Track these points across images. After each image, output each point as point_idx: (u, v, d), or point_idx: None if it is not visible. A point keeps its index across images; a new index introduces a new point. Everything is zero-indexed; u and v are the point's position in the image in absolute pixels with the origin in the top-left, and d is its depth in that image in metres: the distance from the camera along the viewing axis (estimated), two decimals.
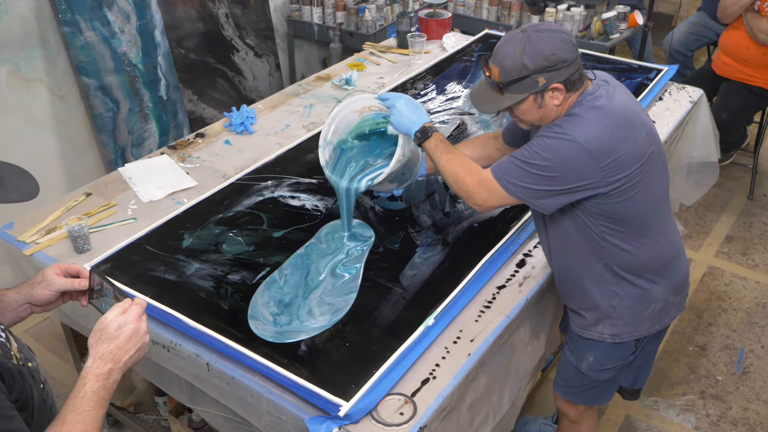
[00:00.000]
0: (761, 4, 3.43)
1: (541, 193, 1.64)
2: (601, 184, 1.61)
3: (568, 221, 1.73)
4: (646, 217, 1.72)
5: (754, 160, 3.95)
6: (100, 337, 1.25)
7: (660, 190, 1.74)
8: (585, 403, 2.05)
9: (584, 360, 1.92)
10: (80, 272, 1.43)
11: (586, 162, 1.58)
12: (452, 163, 1.77)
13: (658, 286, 1.80)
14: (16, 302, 1.39)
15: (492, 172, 1.69)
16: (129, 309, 1.29)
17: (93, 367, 1.22)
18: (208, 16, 3.77)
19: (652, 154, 1.67)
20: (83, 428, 1.15)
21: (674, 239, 1.84)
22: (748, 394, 2.73)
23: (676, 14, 5.78)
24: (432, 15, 3.42)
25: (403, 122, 1.82)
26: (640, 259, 1.75)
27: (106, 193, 2.30)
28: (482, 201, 1.72)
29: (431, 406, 1.54)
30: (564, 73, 1.61)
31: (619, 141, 1.59)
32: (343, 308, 1.79)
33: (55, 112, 3.18)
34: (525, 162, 1.63)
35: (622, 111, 1.63)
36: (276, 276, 1.91)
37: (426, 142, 1.80)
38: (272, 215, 2.15)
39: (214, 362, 1.66)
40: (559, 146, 1.59)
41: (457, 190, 1.77)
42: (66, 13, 3.04)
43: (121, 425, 2.58)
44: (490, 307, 1.82)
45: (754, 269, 3.38)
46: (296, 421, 1.54)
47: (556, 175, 1.60)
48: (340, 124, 2.03)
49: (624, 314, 1.81)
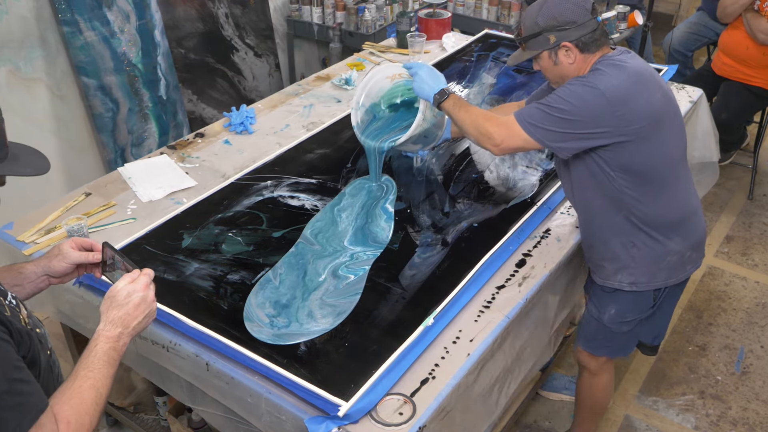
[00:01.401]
0: (761, 4, 3.43)
1: (559, 136, 1.77)
2: (615, 133, 1.75)
3: (590, 174, 1.86)
4: (660, 173, 1.85)
5: (753, 160, 3.94)
6: (110, 304, 1.34)
7: (674, 151, 1.88)
8: (606, 354, 2.16)
9: (606, 312, 2.04)
10: (93, 246, 1.51)
11: (604, 109, 1.73)
12: (471, 113, 1.91)
13: (672, 241, 1.92)
14: (35, 274, 1.48)
15: (515, 115, 1.83)
16: (137, 279, 1.37)
17: (104, 330, 1.31)
18: (207, 16, 3.77)
19: (667, 115, 1.82)
20: (93, 384, 1.23)
21: (690, 200, 1.97)
22: (748, 394, 2.73)
23: (676, 14, 5.77)
24: (432, 15, 3.42)
25: (424, 88, 1.98)
26: (654, 213, 1.88)
27: (106, 193, 2.30)
28: (500, 141, 1.83)
29: (430, 406, 1.54)
30: (573, 33, 1.79)
31: (635, 94, 1.75)
32: (347, 310, 1.79)
33: (55, 112, 3.18)
34: (547, 106, 1.78)
35: (640, 71, 1.80)
36: (270, 276, 1.91)
37: (444, 102, 1.95)
38: (272, 215, 2.15)
39: (213, 362, 1.66)
40: (581, 92, 1.75)
41: (477, 135, 1.88)
42: (66, 13, 3.04)
43: (120, 425, 2.58)
44: (489, 307, 1.82)
45: (754, 269, 3.38)
46: (295, 421, 1.54)
47: (574, 119, 1.74)
48: (372, 89, 2.26)
49: (641, 264, 1.94)
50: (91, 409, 1.22)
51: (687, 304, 3.16)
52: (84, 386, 1.22)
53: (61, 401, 1.20)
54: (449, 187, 2.30)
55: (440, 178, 2.34)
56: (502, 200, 2.23)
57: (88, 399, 1.21)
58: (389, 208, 2.16)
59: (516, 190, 2.28)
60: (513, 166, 2.40)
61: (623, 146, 1.77)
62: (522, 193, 2.26)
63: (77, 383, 1.23)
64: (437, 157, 2.46)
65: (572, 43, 1.80)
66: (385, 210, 2.16)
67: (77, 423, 1.18)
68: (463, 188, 2.29)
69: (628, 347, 2.16)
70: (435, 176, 2.35)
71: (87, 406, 1.21)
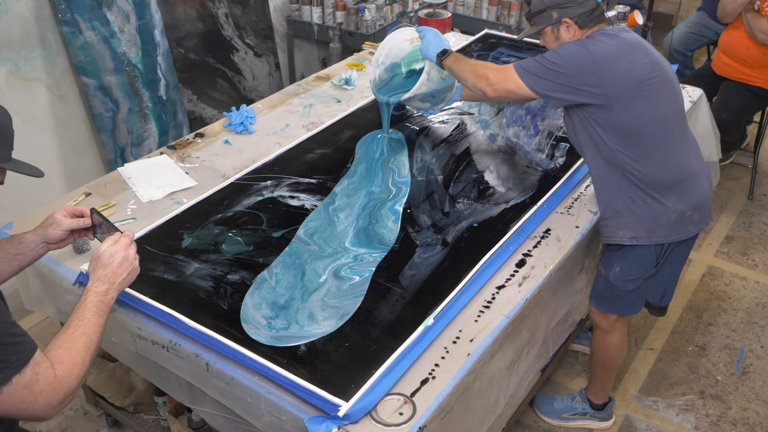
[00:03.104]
0: (761, 4, 3.42)
1: (548, 85, 1.95)
2: (599, 93, 1.92)
3: (588, 135, 2.02)
4: (651, 134, 1.98)
5: (753, 160, 3.94)
6: (96, 264, 1.51)
7: (666, 114, 2.00)
8: (615, 312, 2.27)
9: (612, 270, 2.18)
10: (83, 212, 1.71)
11: (590, 67, 1.91)
12: (470, 63, 2.12)
13: (668, 200, 2.04)
14: (34, 242, 1.66)
15: (513, 64, 2.03)
16: (118, 240, 1.55)
17: (92, 287, 1.48)
18: (207, 16, 3.77)
19: (655, 80, 1.96)
20: (84, 331, 1.39)
21: (688, 162, 2.07)
22: (748, 394, 2.73)
23: (676, 14, 5.78)
24: (432, 15, 3.42)
25: (429, 48, 2.22)
26: (648, 171, 2.00)
27: (106, 192, 2.30)
28: (495, 82, 2.02)
29: (430, 406, 1.54)
30: (573, 11, 2.00)
31: (619, 58, 1.92)
32: (350, 311, 1.78)
33: (55, 112, 3.18)
34: (542, 58, 1.97)
35: (629, 40, 1.97)
36: (266, 275, 1.90)
37: (445, 60, 2.18)
38: (272, 215, 2.15)
39: (213, 362, 1.66)
40: (572, 49, 1.94)
41: (474, 78, 2.07)
42: (65, 13, 3.04)
43: (120, 425, 2.58)
44: (489, 307, 1.82)
45: (754, 269, 3.38)
46: (295, 421, 1.54)
47: (562, 72, 1.93)
48: (392, 49, 2.51)
49: (640, 219, 2.06)
50: (83, 351, 1.36)
51: (687, 304, 3.16)
52: (76, 333, 1.38)
53: (54, 347, 1.35)
54: (449, 187, 2.30)
55: (440, 178, 2.34)
56: (502, 200, 2.23)
57: (79, 342, 1.37)
58: (399, 209, 2.16)
59: (516, 190, 2.28)
60: (513, 166, 2.40)
61: (611, 107, 1.93)
62: (522, 193, 2.26)
63: (69, 331, 1.38)
64: (437, 157, 2.46)
65: (572, 20, 2.00)
66: (394, 211, 2.16)
67: (70, 363, 1.33)
68: (463, 188, 2.29)
69: (635, 305, 2.28)
70: (435, 176, 2.35)
71: (79, 348, 1.36)
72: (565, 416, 2.57)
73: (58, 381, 1.30)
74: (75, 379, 1.33)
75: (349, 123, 2.68)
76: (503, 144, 2.54)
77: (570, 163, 2.41)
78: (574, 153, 2.45)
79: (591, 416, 2.55)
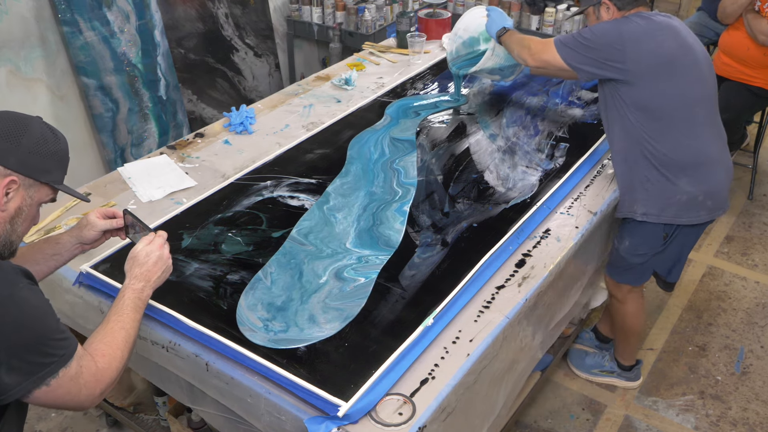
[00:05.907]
0: (761, 5, 3.42)
1: (578, 57, 2.16)
2: (624, 67, 2.08)
3: (615, 110, 2.18)
4: (671, 113, 2.12)
5: (753, 160, 3.94)
6: (133, 263, 1.59)
7: (689, 95, 2.13)
8: (625, 282, 2.43)
9: (622, 243, 2.33)
10: (116, 214, 1.77)
11: (616, 44, 2.09)
12: (521, 36, 2.39)
13: (681, 181, 2.15)
14: (71, 243, 1.73)
15: (554, 38, 2.25)
16: (153, 240, 1.63)
17: (130, 284, 1.56)
18: (207, 16, 3.78)
19: (681, 62, 2.10)
20: (122, 326, 1.48)
21: (705, 148, 2.18)
22: (748, 394, 2.73)
23: (676, 14, 5.78)
24: (432, 15, 3.42)
25: (492, 25, 2.51)
26: (664, 150, 2.13)
27: (106, 193, 2.30)
28: (535, 51, 2.28)
29: (430, 406, 1.54)
30: None
31: (647, 37, 2.08)
32: (354, 313, 1.77)
33: (55, 112, 3.18)
34: (579, 34, 2.18)
35: (660, 23, 2.13)
36: (261, 275, 1.89)
37: (503, 36, 2.46)
38: (271, 215, 2.15)
39: (213, 362, 1.66)
40: (605, 26, 2.14)
41: (519, 49, 2.35)
42: (66, 13, 3.04)
43: (120, 425, 2.58)
44: (489, 307, 1.82)
45: (754, 269, 3.38)
46: (295, 421, 1.54)
47: (592, 47, 2.13)
48: (470, 24, 2.77)
49: (653, 196, 2.19)
50: (122, 345, 1.45)
51: (687, 304, 3.16)
52: (115, 328, 1.46)
53: (95, 341, 1.43)
54: (449, 187, 2.30)
55: (440, 178, 2.34)
56: (502, 200, 2.23)
57: (119, 337, 1.45)
58: (407, 210, 2.16)
59: (516, 190, 2.28)
60: (513, 166, 2.40)
61: (634, 83, 2.09)
62: (522, 193, 2.26)
63: (109, 326, 1.46)
64: (437, 157, 2.46)
65: (611, 2, 2.19)
66: (402, 212, 2.15)
67: (110, 356, 1.41)
68: (463, 188, 2.29)
69: (643, 277, 2.43)
70: (435, 176, 2.35)
71: (118, 341, 1.44)
72: (594, 371, 2.77)
73: (100, 372, 1.38)
74: (115, 370, 1.42)
75: (349, 123, 2.68)
76: (503, 144, 2.54)
77: (570, 163, 2.41)
78: (574, 153, 2.46)
79: (618, 375, 2.73)
